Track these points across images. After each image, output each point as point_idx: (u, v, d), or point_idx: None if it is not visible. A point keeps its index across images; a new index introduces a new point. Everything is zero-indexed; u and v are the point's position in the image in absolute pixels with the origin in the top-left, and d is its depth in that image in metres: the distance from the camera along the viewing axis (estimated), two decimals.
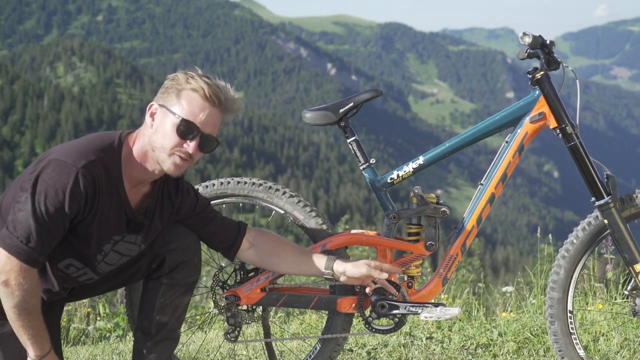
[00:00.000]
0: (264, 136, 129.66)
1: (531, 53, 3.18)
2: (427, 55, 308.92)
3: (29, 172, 2.71)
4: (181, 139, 2.77)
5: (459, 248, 3.22)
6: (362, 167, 3.26)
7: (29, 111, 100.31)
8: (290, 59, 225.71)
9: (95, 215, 2.78)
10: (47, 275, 2.90)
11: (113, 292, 5.48)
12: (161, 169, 2.83)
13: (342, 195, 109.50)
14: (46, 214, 2.64)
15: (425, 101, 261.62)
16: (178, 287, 3.09)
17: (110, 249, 2.91)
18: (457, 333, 4.39)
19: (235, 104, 2.89)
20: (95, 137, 2.83)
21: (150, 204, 2.96)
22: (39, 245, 2.65)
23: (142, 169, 2.84)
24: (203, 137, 2.80)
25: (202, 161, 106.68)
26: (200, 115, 2.78)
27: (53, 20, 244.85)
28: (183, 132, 2.76)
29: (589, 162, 3.16)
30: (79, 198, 2.68)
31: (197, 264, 3.13)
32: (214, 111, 2.81)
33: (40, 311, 2.75)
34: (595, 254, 4.17)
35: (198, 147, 2.80)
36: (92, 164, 2.71)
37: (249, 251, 3.15)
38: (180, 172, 2.84)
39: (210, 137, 2.83)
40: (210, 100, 2.79)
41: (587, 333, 4.21)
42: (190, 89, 2.79)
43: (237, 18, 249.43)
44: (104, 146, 2.79)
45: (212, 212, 3.16)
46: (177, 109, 2.77)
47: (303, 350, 4.27)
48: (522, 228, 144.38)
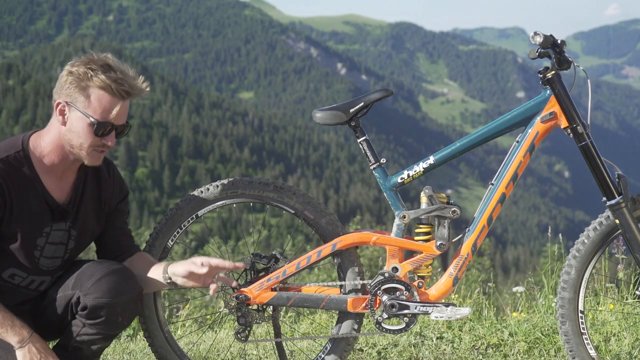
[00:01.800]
0: (274, 136, 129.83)
1: (542, 52, 3.17)
2: (438, 54, 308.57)
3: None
4: (99, 137, 2.85)
5: (469, 248, 3.21)
6: (373, 167, 3.25)
7: (40, 111, 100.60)
8: (300, 58, 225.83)
9: (14, 213, 2.82)
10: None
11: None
12: (77, 157, 2.90)
13: (352, 195, 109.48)
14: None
15: (435, 101, 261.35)
16: (100, 336, 3.02)
17: (45, 242, 2.94)
18: (467, 333, 4.38)
19: (140, 87, 2.89)
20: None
21: (77, 192, 3.00)
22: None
23: (59, 160, 2.91)
24: (118, 129, 2.89)
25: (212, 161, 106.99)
26: (113, 113, 2.84)
27: (64, 21, 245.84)
28: (100, 131, 2.83)
29: (600, 162, 3.14)
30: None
31: (121, 322, 3.03)
32: (124, 103, 2.87)
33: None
34: (606, 254, 4.15)
35: (115, 137, 2.90)
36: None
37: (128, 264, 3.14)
38: (100, 161, 2.93)
39: (124, 125, 2.92)
40: (119, 95, 2.82)
41: (598, 333, 4.20)
42: (97, 87, 2.80)
43: (247, 18, 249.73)
44: (7, 147, 2.87)
45: (126, 221, 3.22)
46: (90, 110, 2.81)
47: (313, 350, 4.27)
48: (532, 228, 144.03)
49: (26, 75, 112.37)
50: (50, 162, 2.91)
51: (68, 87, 2.81)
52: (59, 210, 2.95)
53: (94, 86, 2.79)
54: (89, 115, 2.80)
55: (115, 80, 2.79)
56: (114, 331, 3.06)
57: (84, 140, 2.83)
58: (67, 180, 2.99)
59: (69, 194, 2.99)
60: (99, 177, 3.08)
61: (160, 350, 3.33)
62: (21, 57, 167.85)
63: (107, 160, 3.15)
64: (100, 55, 2.87)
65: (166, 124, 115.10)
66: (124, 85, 2.81)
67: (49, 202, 2.92)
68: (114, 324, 2.98)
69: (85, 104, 2.80)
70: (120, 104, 2.84)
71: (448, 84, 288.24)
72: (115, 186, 3.14)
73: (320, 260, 3.26)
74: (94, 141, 2.84)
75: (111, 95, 2.81)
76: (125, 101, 2.86)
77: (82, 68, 2.79)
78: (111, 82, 2.78)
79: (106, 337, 3.03)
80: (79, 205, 3.01)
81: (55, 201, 2.93)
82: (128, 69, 2.87)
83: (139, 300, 3.07)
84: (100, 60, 2.83)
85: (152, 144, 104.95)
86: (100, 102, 2.80)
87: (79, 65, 2.81)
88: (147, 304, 3.29)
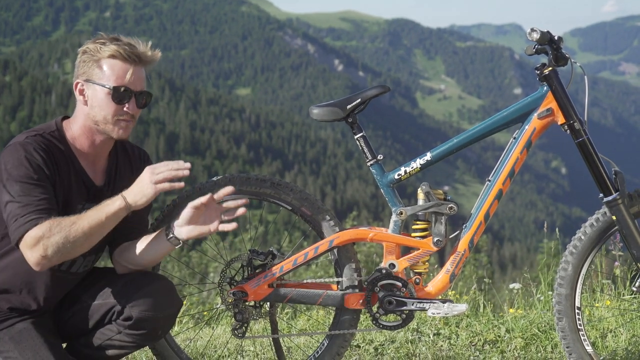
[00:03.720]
0: (271, 132, 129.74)
1: (539, 49, 3.18)
2: (435, 51, 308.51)
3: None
4: (119, 105, 2.88)
5: (466, 244, 3.22)
6: (370, 164, 3.25)
7: (37, 107, 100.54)
8: (297, 55, 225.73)
9: (57, 185, 2.85)
10: (35, 280, 2.94)
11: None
12: (107, 137, 2.93)
13: (349, 191, 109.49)
14: (21, 187, 2.72)
15: (432, 97, 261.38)
16: (134, 344, 3.02)
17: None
18: (464, 329, 4.39)
19: (152, 55, 2.96)
20: (33, 128, 2.95)
21: (110, 176, 3.04)
22: (33, 204, 2.70)
23: (90, 143, 2.95)
24: (137, 95, 2.92)
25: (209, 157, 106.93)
26: (127, 77, 2.88)
27: (61, 17, 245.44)
28: (118, 98, 2.87)
29: (597, 159, 3.15)
30: (37, 161, 2.77)
31: (160, 335, 3.09)
32: (137, 69, 2.91)
33: (62, 216, 2.74)
34: (603, 251, 4.16)
35: (136, 105, 2.92)
36: (36, 137, 2.85)
37: (118, 251, 3.11)
38: (128, 133, 2.95)
39: (143, 92, 2.94)
40: (130, 60, 2.89)
41: (595, 329, 4.21)
42: (108, 56, 2.88)
43: (244, 14, 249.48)
44: (42, 127, 2.93)
45: (148, 210, 3.18)
46: (104, 80, 2.87)
47: (310, 347, 4.27)
48: (529, 224, 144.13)
49: (23, 71, 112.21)
50: (81, 146, 2.95)
51: (83, 66, 2.91)
52: (94, 190, 2.98)
53: (105, 57, 2.88)
54: (104, 84, 2.87)
55: (123, 46, 2.87)
56: (150, 342, 3.14)
57: (106, 111, 2.88)
58: (99, 165, 3.03)
59: (103, 178, 3.03)
60: (131, 164, 3.11)
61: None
62: (18, 53, 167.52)
63: (142, 150, 3.21)
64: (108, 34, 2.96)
65: (163, 121, 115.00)
66: (134, 50, 2.89)
67: (85, 181, 2.96)
68: (153, 336, 3.04)
69: (100, 75, 2.88)
70: (132, 68, 2.89)
71: (445, 80, 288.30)
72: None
73: (317, 256, 3.26)
74: (115, 110, 2.88)
75: (122, 60, 2.88)
76: (138, 67, 2.92)
77: (92, 44, 2.91)
78: (119, 48, 2.86)
79: (139, 346, 3.06)
80: (113, 188, 3.03)
81: (91, 181, 2.98)
82: (138, 41, 2.95)
83: (178, 313, 3.10)
84: (109, 35, 2.93)
85: (149, 141, 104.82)
86: (113, 69, 2.87)
87: (89, 43, 2.92)
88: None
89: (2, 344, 2.91)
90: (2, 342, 2.92)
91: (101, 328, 3.00)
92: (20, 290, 2.94)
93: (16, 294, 2.95)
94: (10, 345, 2.90)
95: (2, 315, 2.95)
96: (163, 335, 3.14)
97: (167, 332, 3.20)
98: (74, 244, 2.70)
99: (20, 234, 2.68)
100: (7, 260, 2.92)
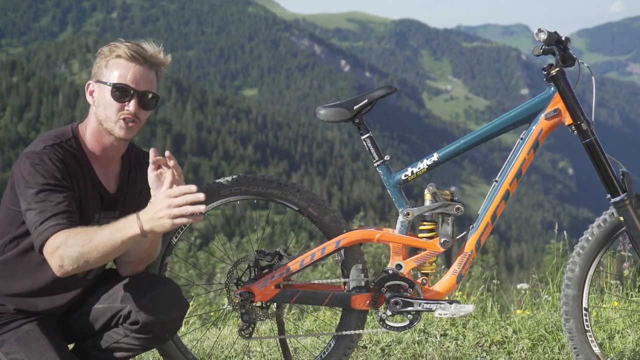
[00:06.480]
0: (277, 133, 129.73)
1: (546, 49, 3.17)
2: (441, 51, 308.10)
3: (9, 186, 2.84)
4: (120, 103, 2.88)
5: (473, 245, 3.21)
6: (376, 164, 3.25)
7: (44, 108, 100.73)
8: (304, 55, 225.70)
9: (75, 193, 2.86)
10: (47, 284, 2.95)
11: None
12: (114, 138, 2.93)
13: (356, 192, 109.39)
14: (38, 194, 2.73)
15: (439, 98, 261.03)
16: (141, 347, 3.03)
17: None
18: (471, 330, 4.38)
19: (160, 56, 2.97)
20: (49, 132, 2.97)
21: (123, 181, 3.06)
22: (51, 210, 2.71)
23: (100, 146, 2.96)
24: (140, 95, 2.90)
25: (216, 158, 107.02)
26: (129, 75, 2.88)
27: (68, 18, 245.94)
28: (118, 95, 2.88)
29: (605, 159, 3.14)
30: (53, 169, 2.79)
31: (167, 338, 3.10)
32: (142, 68, 2.91)
33: (83, 227, 2.72)
34: (611, 252, 4.15)
35: (138, 105, 2.91)
36: (52, 146, 2.85)
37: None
38: (131, 134, 2.93)
39: (148, 93, 2.93)
40: (135, 59, 2.89)
41: (602, 330, 4.20)
42: (115, 56, 2.90)
43: (250, 15, 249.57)
44: (59, 134, 2.94)
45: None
46: (108, 78, 2.89)
47: (317, 347, 4.27)
48: (536, 225, 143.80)
49: (30, 72, 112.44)
50: (93, 149, 2.97)
51: (96, 68, 2.95)
52: (109, 199, 3.00)
53: (113, 57, 2.91)
54: (107, 82, 2.89)
55: (130, 47, 2.89)
56: (157, 345, 3.14)
57: (109, 109, 2.89)
58: (113, 171, 3.04)
59: (116, 184, 3.04)
60: (142, 169, 3.10)
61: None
62: (25, 54, 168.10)
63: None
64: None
65: (170, 121, 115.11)
66: (140, 50, 2.90)
67: (99, 190, 2.97)
68: (160, 339, 3.05)
69: (107, 74, 2.91)
70: (134, 66, 2.90)
71: (452, 81, 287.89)
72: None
73: (324, 257, 3.26)
74: (117, 107, 2.89)
75: (126, 59, 2.90)
76: (144, 67, 2.92)
77: (106, 48, 2.94)
78: (126, 48, 2.89)
79: (145, 349, 3.07)
80: (126, 195, 3.05)
81: (105, 189, 2.99)
82: (150, 44, 2.96)
83: (184, 316, 3.11)
84: (126, 41, 2.95)
85: (156, 141, 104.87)
86: (117, 68, 2.90)
87: (106, 46, 2.96)
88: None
89: (9, 345, 2.92)
90: (8, 343, 2.92)
91: (108, 331, 3.01)
92: (31, 293, 2.95)
93: (26, 297, 2.96)
94: (17, 346, 2.91)
95: (9, 316, 2.96)
96: (170, 338, 3.15)
97: (174, 335, 3.20)
98: (87, 261, 2.68)
99: (40, 242, 2.70)
100: (18, 264, 2.93)
